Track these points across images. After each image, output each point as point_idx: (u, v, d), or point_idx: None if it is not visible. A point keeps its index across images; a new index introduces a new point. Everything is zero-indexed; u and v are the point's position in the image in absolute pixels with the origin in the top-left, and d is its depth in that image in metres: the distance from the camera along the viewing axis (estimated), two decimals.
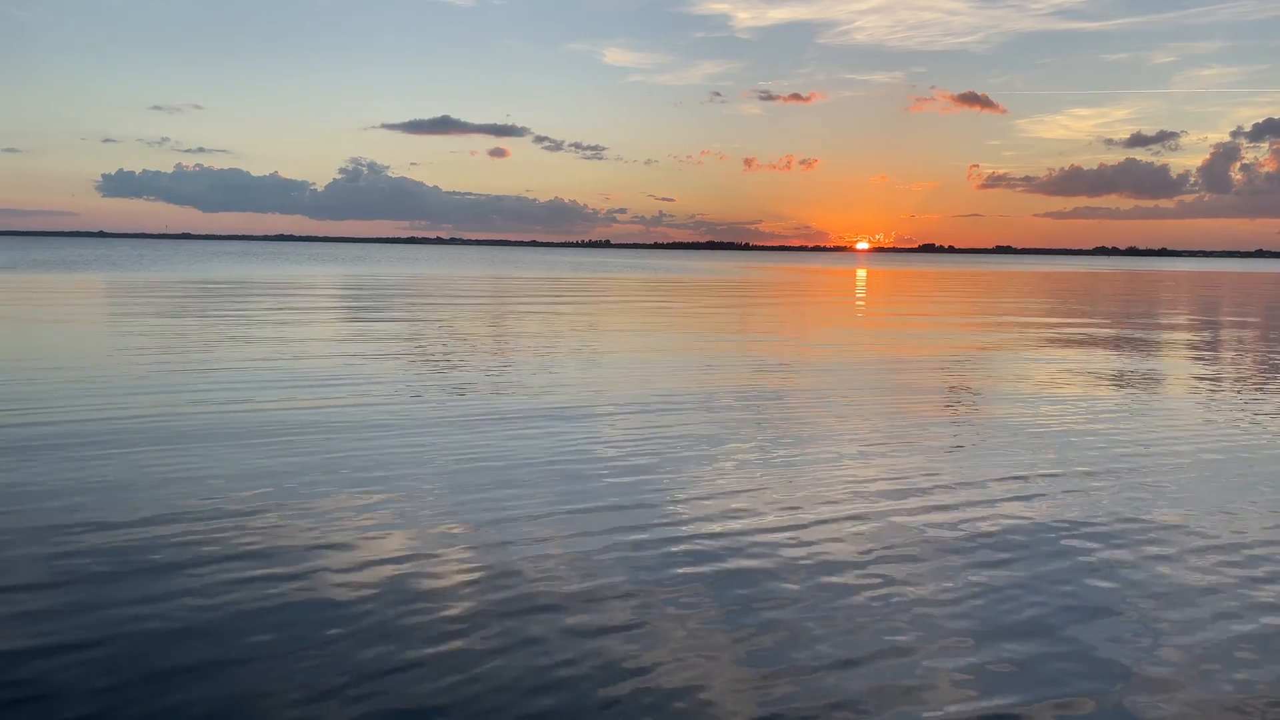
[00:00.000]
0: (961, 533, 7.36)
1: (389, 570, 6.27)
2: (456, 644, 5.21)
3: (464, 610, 5.65)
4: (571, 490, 8.32)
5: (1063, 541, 7.18)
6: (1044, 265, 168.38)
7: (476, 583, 6.07)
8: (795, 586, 6.13)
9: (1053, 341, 23.51)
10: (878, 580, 6.28)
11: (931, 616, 5.69)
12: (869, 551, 6.85)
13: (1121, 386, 15.54)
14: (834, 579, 6.28)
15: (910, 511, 7.90)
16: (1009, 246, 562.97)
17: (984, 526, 7.51)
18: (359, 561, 6.42)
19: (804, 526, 7.41)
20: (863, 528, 7.43)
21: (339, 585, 6.00)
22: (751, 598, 5.92)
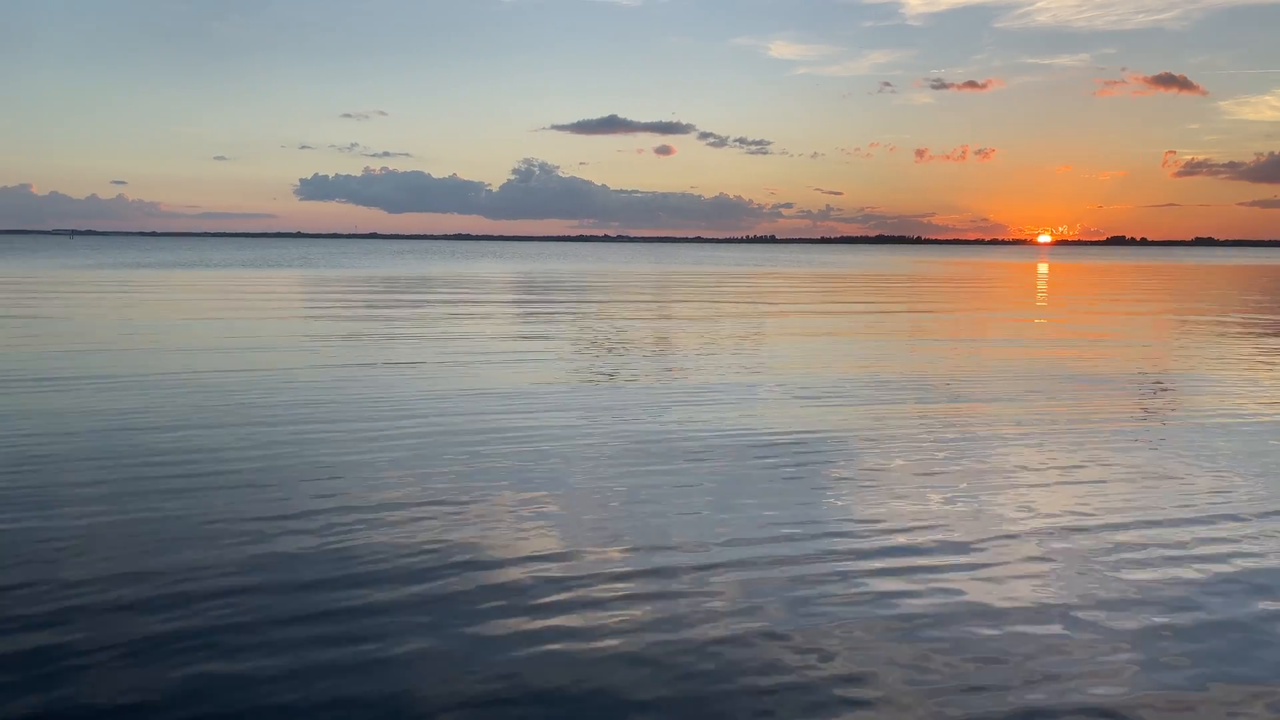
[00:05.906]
0: (1176, 576, 6.82)
1: (546, 540, 6.35)
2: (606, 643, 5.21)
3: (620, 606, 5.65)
4: (731, 491, 8.20)
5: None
6: (1253, 258, 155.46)
7: (632, 576, 6.06)
8: (969, 615, 5.83)
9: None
10: (1051, 612, 5.89)
11: (1121, 661, 5.28)
12: (1046, 582, 6.44)
13: None
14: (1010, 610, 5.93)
15: (1106, 544, 7.39)
16: (1209, 238, 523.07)
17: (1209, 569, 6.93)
18: (515, 536, 6.52)
19: (982, 551, 7.05)
20: (1046, 562, 7.00)
21: (495, 557, 6.11)
22: (918, 616, 5.66)
